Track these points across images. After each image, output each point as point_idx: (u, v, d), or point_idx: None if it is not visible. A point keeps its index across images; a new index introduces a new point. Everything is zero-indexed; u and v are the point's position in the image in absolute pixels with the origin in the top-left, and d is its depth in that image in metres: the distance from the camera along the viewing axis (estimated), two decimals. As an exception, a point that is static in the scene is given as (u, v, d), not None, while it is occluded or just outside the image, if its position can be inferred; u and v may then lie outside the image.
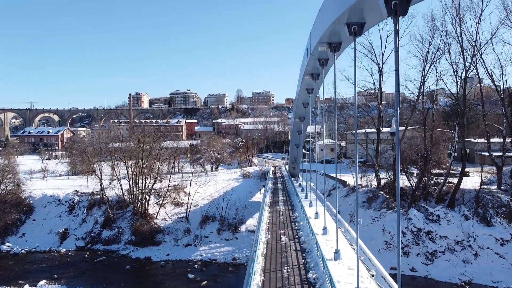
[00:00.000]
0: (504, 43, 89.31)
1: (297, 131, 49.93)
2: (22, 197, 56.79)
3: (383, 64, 51.83)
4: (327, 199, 41.58)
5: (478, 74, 48.98)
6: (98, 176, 56.34)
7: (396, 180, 10.74)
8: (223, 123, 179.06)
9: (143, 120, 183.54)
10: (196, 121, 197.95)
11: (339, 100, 75.93)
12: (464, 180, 47.86)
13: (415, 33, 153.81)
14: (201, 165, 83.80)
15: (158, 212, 53.09)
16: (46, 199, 56.93)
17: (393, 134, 41.65)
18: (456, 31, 45.03)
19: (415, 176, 51.37)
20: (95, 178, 57.45)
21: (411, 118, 55.09)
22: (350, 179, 57.66)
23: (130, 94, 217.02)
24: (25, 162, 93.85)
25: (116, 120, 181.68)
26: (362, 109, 77.42)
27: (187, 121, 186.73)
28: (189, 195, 55.50)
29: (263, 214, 30.66)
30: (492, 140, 53.71)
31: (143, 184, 53.88)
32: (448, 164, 50.53)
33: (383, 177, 53.34)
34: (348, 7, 11.36)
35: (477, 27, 44.14)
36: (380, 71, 52.51)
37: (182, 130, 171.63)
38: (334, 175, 37.93)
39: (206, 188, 60.29)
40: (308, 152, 69.25)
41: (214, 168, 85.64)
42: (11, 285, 38.29)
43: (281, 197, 42.80)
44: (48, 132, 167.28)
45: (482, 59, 46.05)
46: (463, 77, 47.33)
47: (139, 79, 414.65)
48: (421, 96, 52.23)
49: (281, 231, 25.91)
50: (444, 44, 47.32)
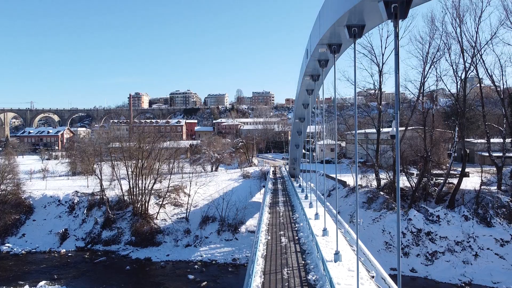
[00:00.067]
0: (504, 44, 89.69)
1: (297, 132, 49.97)
2: (22, 198, 56.76)
3: (383, 65, 51.87)
4: (327, 200, 41.55)
5: (478, 75, 48.99)
6: (98, 177, 56.35)
7: (396, 181, 10.74)
8: (223, 123, 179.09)
9: (143, 120, 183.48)
10: (196, 121, 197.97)
11: (339, 100, 75.95)
12: (464, 181, 47.85)
13: (415, 34, 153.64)
14: (201, 166, 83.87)
15: (158, 213, 53.08)
16: (46, 200, 56.90)
17: (393, 137, 41.66)
18: (456, 32, 45.10)
19: (415, 177, 51.35)
20: (95, 179, 57.44)
21: (411, 119, 55.09)
22: (350, 180, 57.63)
23: (130, 94, 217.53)
24: (25, 162, 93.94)
25: (116, 120, 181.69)
26: (362, 110, 77.37)
27: (187, 121, 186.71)
28: (189, 196, 55.50)
29: (263, 215, 30.66)
30: (492, 141, 53.67)
31: (143, 185, 53.87)
32: (448, 165, 50.52)
33: (383, 178, 53.32)
34: (348, 10, 11.35)
35: (477, 28, 44.18)
36: (380, 72, 52.53)
37: (182, 130, 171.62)
38: (334, 176, 37.94)
39: (206, 189, 60.26)
40: (308, 152, 69.21)
41: (214, 169, 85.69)
42: (11, 286, 38.29)
43: (281, 198, 42.78)
44: (48, 132, 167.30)
45: (482, 60, 46.24)
46: (463, 78, 47.33)
47: (139, 79, 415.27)
48: (421, 97, 52.24)
49: (281, 232, 25.90)
50: (444, 45, 47.38)
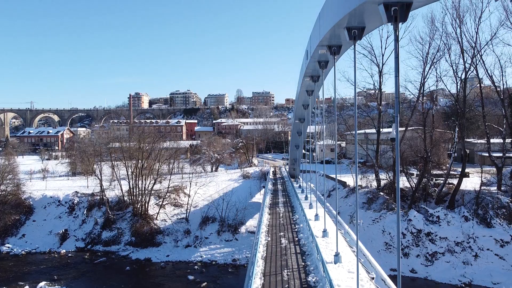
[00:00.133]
0: (504, 44, 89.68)
1: (297, 132, 49.98)
2: (22, 198, 56.72)
3: (383, 65, 51.92)
4: (327, 200, 41.54)
5: (478, 75, 48.96)
6: (98, 177, 56.31)
7: (396, 181, 10.75)
8: (223, 123, 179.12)
9: (143, 120, 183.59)
10: (196, 122, 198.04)
11: (339, 101, 75.97)
12: (464, 181, 47.84)
13: (415, 34, 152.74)
14: (201, 166, 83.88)
15: (158, 213, 53.08)
16: (46, 200, 56.88)
17: (394, 140, 41.56)
18: (456, 32, 45.10)
19: (415, 177, 51.34)
20: (95, 179, 57.41)
21: (411, 119, 55.09)
22: (350, 180, 57.60)
23: (130, 94, 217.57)
24: (25, 163, 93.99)
25: (116, 121, 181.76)
26: (362, 110, 77.32)
27: (187, 121, 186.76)
28: (189, 196, 55.48)
29: (263, 216, 30.65)
30: (492, 141, 53.66)
31: (143, 185, 53.85)
32: (448, 165, 50.50)
33: (383, 178, 53.31)
34: (348, 12, 11.34)
35: (477, 28, 44.19)
36: (380, 72, 52.56)
37: (182, 131, 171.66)
38: (334, 176, 37.90)
39: (206, 189, 60.24)
40: (308, 153, 69.20)
41: (214, 169, 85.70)
42: (11, 286, 38.28)
43: (281, 199, 42.75)
44: (48, 132, 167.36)
45: (482, 60, 46.21)
46: (463, 78, 47.32)
47: (139, 79, 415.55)
48: (421, 97, 52.23)
49: (281, 233, 25.89)
50: (444, 45, 47.39)
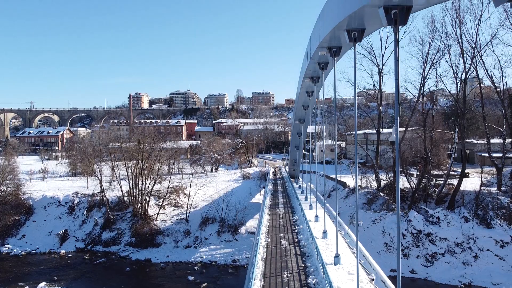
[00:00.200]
0: (504, 45, 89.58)
1: (297, 133, 49.97)
2: (22, 199, 56.70)
3: (383, 66, 51.91)
4: (327, 200, 41.53)
5: (478, 76, 48.94)
6: (98, 177, 56.28)
7: (396, 182, 10.75)
8: (223, 124, 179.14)
9: (143, 121, 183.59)
10: (196, 122, 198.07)
11: (339, 101, 75.97)
12: (464, 182, 47.80)
13: (415, 35, 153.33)
14: (201, 166, 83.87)
15: (158, 214, 53.07)
16: (46, 201, 56.86)
17: (394, 143, 41.49)
18: (456, 33, 45.06)
19: (415, 178, 51.33)
20: (95, 179, 57.39)
21: (411, 120, 55.06)
22: (350, 180, 57.59)
23: (130, 95, 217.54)
24: (25, 163, 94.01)
25: (116, 121, 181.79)
26: (362, 110, 77.33)
27: (187, 122, 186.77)
28: (189, 197, 55.48)
29: (263, 217, 30.64)
30: (492, 141, 53.63)
31: (143, 186, 53.86)
32: (448, 166, 50.48)
33: (383, 179, 53.28)
34: (348, 15, 11.34)
35: (477, 29, 44.16)
36: (380, 72, 52.56)
37: (182, 131, 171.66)
38: (334, 176, 37.89)
39: (206, 190, 60.23)
40: (308, 153, 69.18)
41: (214, 169, 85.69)
42: (11, 287, 38.28)
43: (281, 199, 42.73)
44: (48, 133, 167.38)
45: (482, 61, 46.16)
46: (463, 79, 47.29)
47: (139, 79, 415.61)
48: (421, 98, 52.20)
49: (281, 235, 25.88)
50: (444, 46, 47.34)
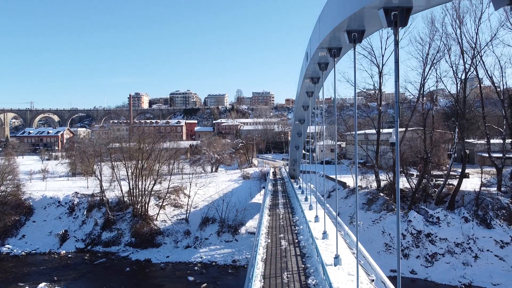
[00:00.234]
0: (504, 45, 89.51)
1: (297, 133, 49.97)
2: (22, 199, 56.65)
3: (383, 66, 51.88)
4: (327, 201, 41.51)
5: (478, 76, 48.92)
6: (98, 178, 56.26)
7: (396, 182, 10.75)
8: (223, 124, 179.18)
9: (143, 121, 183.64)
10: (196, 122, 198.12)
11: (339, 101, 75.95)
12: (464, 182, 47.79)
13: (415, 35, 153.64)
14: (201, 166, 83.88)
15: (158, 214, 53.06)
16: (46, 201, 56.83)
17: (394, 145, 41.52)
18: (456, 33, 45.01)
19: (415, 178, 51.31)
20: (95, 180, 57.37)
21: (411, 120, 55.06)
22: (350, 180, 57.57)
23: (130, 95, 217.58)
24: (25, 163, 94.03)
25: (116, 121, 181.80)
26: (362, 110, 77.35)
27: (187, 122, 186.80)
28: (189, 197, 55.47)
29: (263, 218, 30.62)
30: (492, 142, 53.62)
31: (143, 186, 53.86)
32: (448, 166, 50.47)
33: (383, 179, 53.26)
34: (348, 16, 11.34)
35: (477, 29, 44.12)
36: (380, 73, 52.53)
37: (182, 131, 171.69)
38: (334, 177, 37.85)
39: (206, 190, 60.23)
40: (308, 153, 69.16)
41: (214, 169, 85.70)
42: (11, 287, 38.25)
43: (281, 200, 42.71)
44: (48, 133, 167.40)
45: (482, 61, 46.12)
46: (463, 79, 47.27)
47: (139, 79, 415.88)
48: (421, 98, 52.19)
49: (281, 235, 25.86)
50: (444, 46, 47.30)
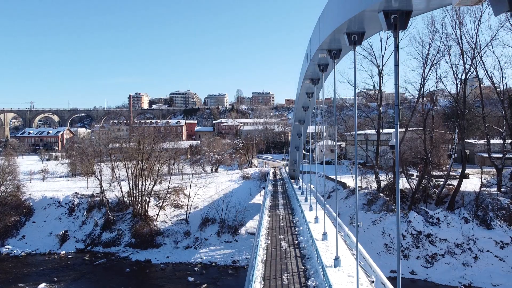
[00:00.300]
0: (504, 45, 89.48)
1: (297, 134, 49.96)
2: (22, 199, 56.61)
3: (383, 66, 51.89)
4: (327, 201, 41.48)
5: (478, 76, 48.91)
6: (98, 178, 56.24)
7: (396, 183, 10.74)
8: (223, 124, 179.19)
9: (143, 121, 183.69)
10: (196, 122, 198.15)
11: (339, 101, 75.92)
12: (464, 182, 47.79)
13: (415, 35, 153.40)
14: (201, 166, 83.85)
15: (158, 214, 53.05)
16: (46, 201, 56.81)
17: (393, 148, 41.45)
18: (456, 34, 45.00)
19: (415, 178, 51.31)
20: (95, 180, 57.36)
21: (411, 120, 55.06)
22: (350, 181, 57.51)
23: (130, 95, 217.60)
24: (25, 163, 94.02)
25: (116, 121, 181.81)
26: (362, 111, 77.33)
27: (187, 122, 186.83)
28: (189, 197, 55.44)
29: (263, 219, 30.62)
30: (492, 142, 53.61)
31: (143, 186, 53.85)
32: (448, 166, 50.47)
33: (383, 179, 53.26)
34: (348, 19, 11.34)
35: (477, 30, 44.16)
36: (380, 73, 52.52)
37: (182, 131, 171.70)
38: (334, 177, 37.85)
39: (206, 190, 60.22)
40: (308, 153, 69.17)
41: (214, 170, 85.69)
42: (11, 288, 38.30)
43: (281, 200, 42.70)
44: (48, 133, 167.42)
45: (482, 61, 46.04)
46: (463, 79, 47.27)
47: (139, 79, 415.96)
48: (421, 98, 52.19)
49: (281, 236, 25.85)
50: (444, 46, 47.29)
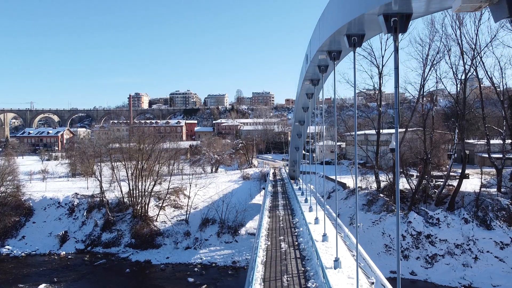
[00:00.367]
0: (504, 46, 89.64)
1: (297, 135, 49.94)
2: (22, 200, 56.57)
3: (383, 67, 51.86)
4: (327, 202, 41.48)
5: (478, 77, 48.91)
6: (98, 178, 56.23)
7: (396, 184, 10.74)
8: (223, 124, 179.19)
9: (143, 121, 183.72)
10: (196, 122, 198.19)
11: (339, 101, 75.91)
12: (464, 183, 47.77)
13: (415, 36, 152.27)
14: (201, 167, 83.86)
15: (158, 215, 53.03)
16: (46, 202, 56.79)
17: (393, 150, 41.40)
18: (456, 34, 44.97)
19: (415, 179, 51.30)
20: (95, 180, 57.33)
21: (411, 121, 55.05)
22: (350, 181, 57.48)
23: (130, 95, 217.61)
24: (25, 163, 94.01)
25: (116, 121, 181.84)
26: (362, 111, 77.36)
27: (187, 122, 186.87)
28: (189, 198, 55.42)
29: (263, 219, 30.61)
30: (492, 142, 53.63)
31: (143, 187, 53.83)
32: (448, 166, 50.47)
33: (383, 180, 53.24)
34: (348, 22, 11.34)
35: (477, 30, 44.22)
36: (380, 74, 52.49)
37: (182, 131, 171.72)
38: (334, 177, 37.85)
39: (206, 191, 60.21)
40: (308, 153, 69.17)
41: (214, 170, 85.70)
42: (11, 289, 38.29)
43: (281, 201, 42.68)
44: (48, 133, 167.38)
45: (482, 62, 45.97)
46: (463, 80, 47.27)
47: (139, 79, 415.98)
48: (421, 99, 52.20)
49: (281, 237, 25.85)
50: (444, 47, 47.22)
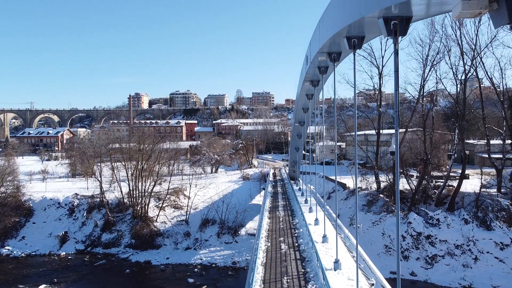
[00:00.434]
0: (504, 46, 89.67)
1: (297, 135, 49.94)
2: (22, 200, 56.55)
3: (383, 67, 51.87)
4: (327, 202, 41.50)
5: (478, 77, 48.90)
6: (98, 179, 56.22)
7: (396, 184, 10.73)
8: (223, 124, 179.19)
9: (143, 121, 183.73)
10: (196, 122, 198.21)
11: (339, 101, 75.90)
12: (464, 183, 47.77)
13: (415, 36, 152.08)
14: (201, 167, 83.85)
15: (158, 215, 53.03)
16: (46, 202, 56.78)
17: (393, 154, 41.30)
18: (456, 34, 44.99)
19: (415, 179, 51.29)
20: (95, 181, 57.33)
21: (411, 121, 55.04)
22: (350, 182, 57.48)
23: (130, 95, 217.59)
24: (25, 163, 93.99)
25: (116, 121, 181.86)
26: (362, 111, 77.35)
27: (187, 122, 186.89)
28: (189, 198, 55.43)
29: (263, 220, 30.61)
30: (492, 142, 53.62)
31: (143, 187, 53.83)
32: (448, 167, 50.47)
33: (383, 180, 53.24)
34: (348, 24, 11.34)
35: (477, 31, 44.36)
36: (380, 74, 52.50)
37: (182, 131, 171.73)
38: (334, 178, 37.84)
39: (206, 191, 60.21)
40: (308, 154, 69.16)
41: (214, 170, 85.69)
42: (11, 290, 38.28)
43: (281, 202, 42.67)
44: (48, 133, 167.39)
45: (482, 62, 45.97)
46: (463, 80, 47.26)
47: (139, 79, 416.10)
48: (421, 99, 52.19)
49: (281, 239, 25.84)
50: (444, 47, 47.22)
